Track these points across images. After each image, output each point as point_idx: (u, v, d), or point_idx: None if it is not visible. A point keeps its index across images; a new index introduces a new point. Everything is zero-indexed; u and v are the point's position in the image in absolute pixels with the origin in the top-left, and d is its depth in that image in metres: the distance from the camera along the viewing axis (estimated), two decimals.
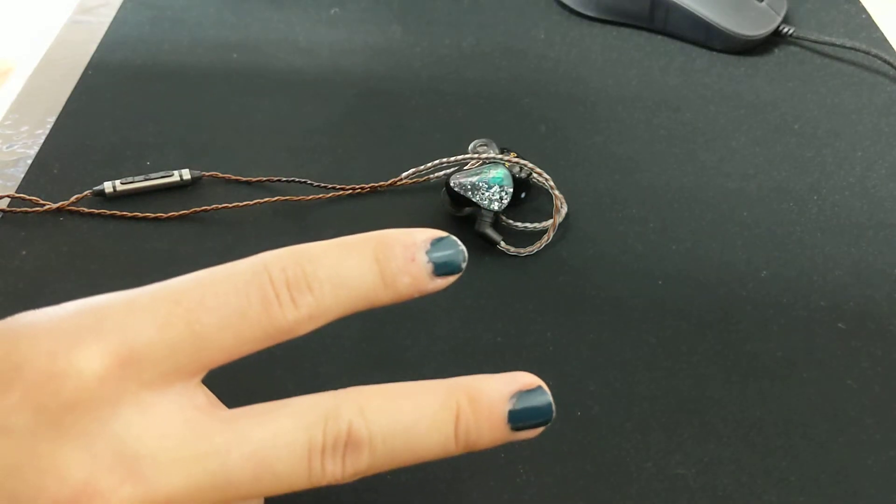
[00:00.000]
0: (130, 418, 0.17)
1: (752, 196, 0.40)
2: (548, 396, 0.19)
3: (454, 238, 0.19)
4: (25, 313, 0.18)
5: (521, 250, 0.37)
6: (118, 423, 0.17)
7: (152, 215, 0.38)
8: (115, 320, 0.17)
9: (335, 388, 0.31)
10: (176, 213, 0.38)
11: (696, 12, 0.50)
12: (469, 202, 0.36)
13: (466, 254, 0.19)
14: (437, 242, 0.19)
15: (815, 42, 0.50)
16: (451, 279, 0.19)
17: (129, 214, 0.38)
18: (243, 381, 0.32)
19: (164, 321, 0.17)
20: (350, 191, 0.39)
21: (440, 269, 0.19)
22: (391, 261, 0.19)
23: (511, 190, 0.36)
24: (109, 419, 0.17)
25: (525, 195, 0.39)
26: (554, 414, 0.19)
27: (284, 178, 0.39)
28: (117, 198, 0.39)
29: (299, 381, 0.32)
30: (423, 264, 0.19)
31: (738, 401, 0.31)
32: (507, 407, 0.19)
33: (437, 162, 0.39)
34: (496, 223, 0.37)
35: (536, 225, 0.38)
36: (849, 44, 0.49)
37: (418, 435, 0.18)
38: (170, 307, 0.18)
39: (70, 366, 0.16)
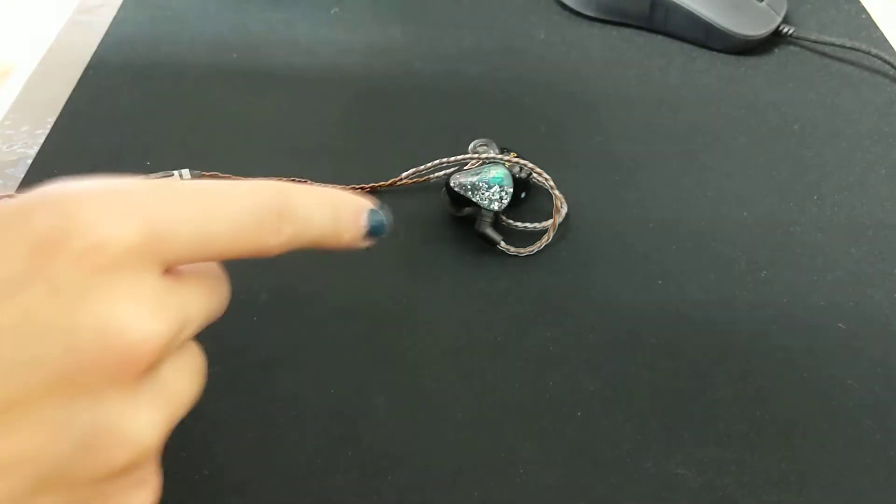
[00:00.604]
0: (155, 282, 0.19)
1: (752, 196, 0.40)
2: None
3: (386, 210, 0.23)
4: (67, 182, 0.19)
5: (521, 250, 0.37)
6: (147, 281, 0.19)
7: None
8: (145, 202, 0.20)
9: (338, 388, 0.31)
10: None
11: (696, 12, 0.50)
12: (469, 202, 0.36)
13: (391, 222, 0.24)
14: (373, 212, 0.23)
15: (815, 42, 0.50)
16: (374, 240, 0.23)
17: None
18: (244, 380, 0.32)
19: (188, 216, 0.20)
20: (350, 191, 0.39)
21: (371, 231, 0.23)
22: (345, 218, 0.23)
23: (511, 190, 0.36)
24: (144, 280, 0.19)
25: (525, 195, 0.39)
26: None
27: (284, 179, 0.39)
28: None
29: (300, 381, 0.32)
30: (362, 226, 0.23)
31: (738, 401, 0.31)
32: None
33: (437, 162, 0.39)
34: (496, 223, 0.37)
35: (536, 225, 0.37)
36: (849, 44, 0.49)
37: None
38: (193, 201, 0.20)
39: (112, 235, 0.18)
